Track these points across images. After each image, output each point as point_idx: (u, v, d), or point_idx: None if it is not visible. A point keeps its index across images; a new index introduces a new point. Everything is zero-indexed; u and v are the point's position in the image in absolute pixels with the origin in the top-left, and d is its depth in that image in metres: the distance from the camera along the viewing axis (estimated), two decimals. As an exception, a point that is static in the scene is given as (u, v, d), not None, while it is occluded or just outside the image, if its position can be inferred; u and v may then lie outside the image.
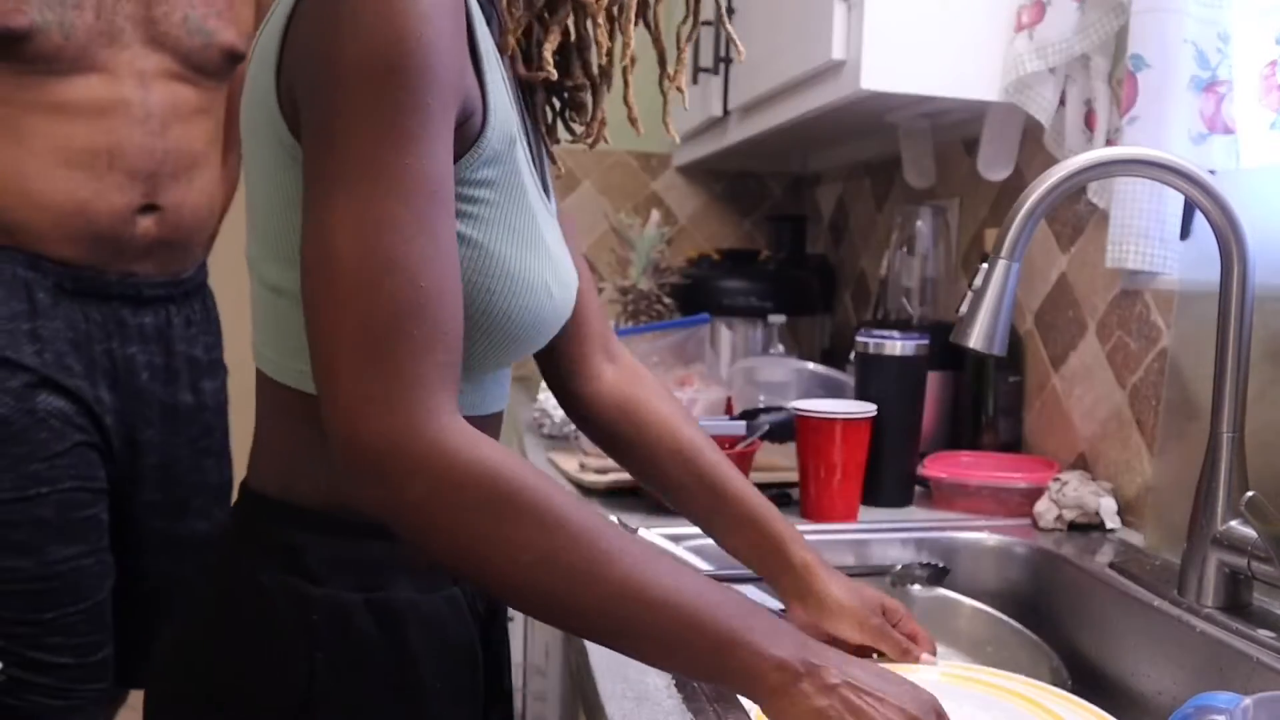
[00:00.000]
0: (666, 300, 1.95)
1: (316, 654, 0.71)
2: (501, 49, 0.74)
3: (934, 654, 0.88)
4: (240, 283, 0.83)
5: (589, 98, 0.86)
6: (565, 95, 0.86)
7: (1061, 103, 1.27)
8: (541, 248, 0.74)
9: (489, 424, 0.79)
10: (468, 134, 0.67)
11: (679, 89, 0.88)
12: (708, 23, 1.85)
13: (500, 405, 0.81)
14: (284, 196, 0.67)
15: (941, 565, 1.06)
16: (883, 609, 0.89)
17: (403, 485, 0.59)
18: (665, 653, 0.63)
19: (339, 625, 0.72)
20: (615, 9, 0.81)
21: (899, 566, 1.05)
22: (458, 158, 0.66)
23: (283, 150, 0.67)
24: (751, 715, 0.72)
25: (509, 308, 0.71)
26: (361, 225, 0.59)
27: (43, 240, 1.30)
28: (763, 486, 1.27)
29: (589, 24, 0.80)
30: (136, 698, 1.62)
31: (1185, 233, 1.12)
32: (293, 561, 0.72)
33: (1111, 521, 1.16)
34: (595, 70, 0.84)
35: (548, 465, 1.44)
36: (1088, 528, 1.17)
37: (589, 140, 0.88)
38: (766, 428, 1.28)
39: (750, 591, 0.99)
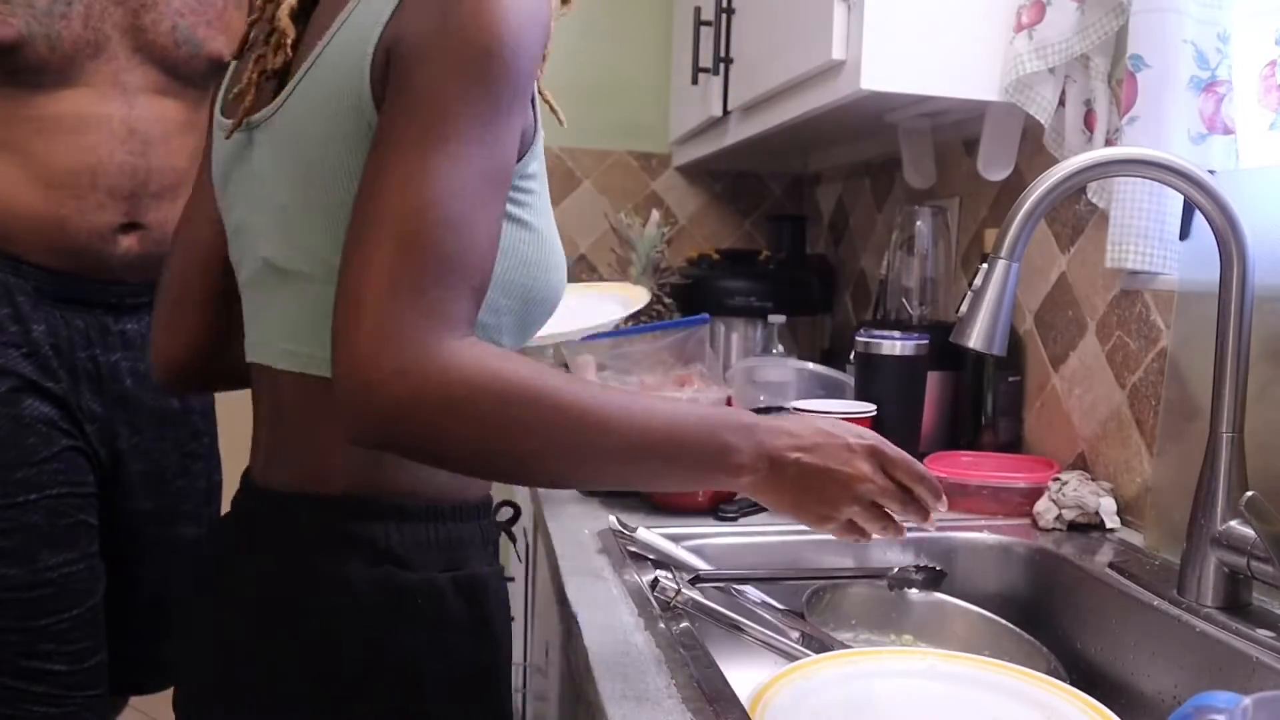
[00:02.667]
0: (666, 300, 1.95)
1: (419, 635, 0.75)
2: None
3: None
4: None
5: None
6: None
7: (1061, 103, 1.27)
8: (555, 228, 0.83)
9: None
10: (526, 136, 0.74)
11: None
12: (707, 23, 1.86)
13: None
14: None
15: (938, 568, 1.06)
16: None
17: (416, 403, 0.63)
18: (659, 483, 0.81)
19: (435, 606, 0.76)
20: None
21: (896, 570, 1.05)
22: (520, 155, 0.74)
23: (364, 133, 0.70)
24: (747, 710, 0.72)
25: (556, 283, 0.80)
26: (432, 184, 0.65)
27: (23, 248, 1.29)
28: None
29: None
30: (141, 703, 1.61)
31: (1185, 233, 1.12)
32: (378, 552, 0.75)
33: (1111, 521, 1.16)
34: None
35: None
36: (1087, 527, 1.17)
37: None
38: (766, 428, 1.28)
39: (752, 592, 1.00)
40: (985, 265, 0.88)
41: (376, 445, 0.66)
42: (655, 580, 0.93)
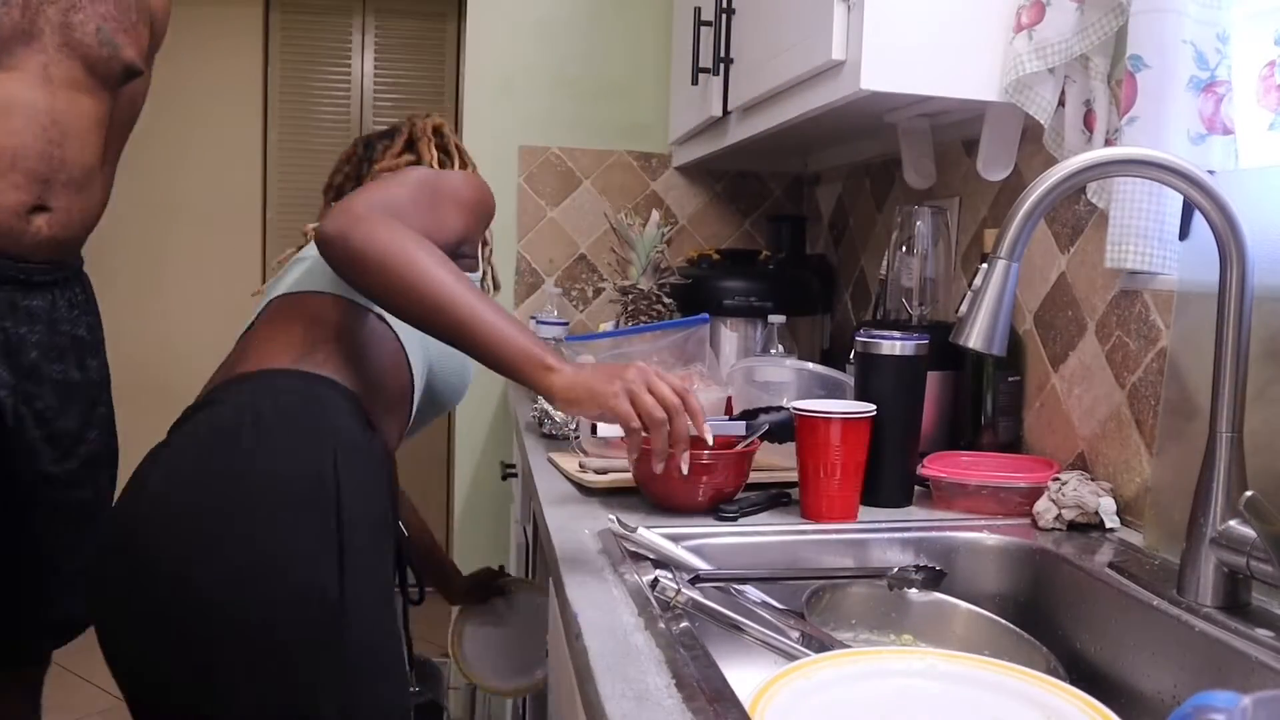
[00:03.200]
0: (666, 300, 1.95)
1: (341, 456, 1.07)
2: None
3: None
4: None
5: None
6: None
7: (1061, 103, 1.27)
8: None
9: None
10: (469, 267, 1.32)
11: None
12: (707, 23, 1.86)
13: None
14: None
15: (938, 568, 1.06)
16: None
17: (353, 229, 1.07)
18: (472, 336, 1.04)
19: (358, 440, 1.12)
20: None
21: (895, 570, 1.05)
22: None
23: None
24: (747, 710, 0.72)
25: (464, 382, 1.41)
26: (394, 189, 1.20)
27: None
28: (763, 486, 1.28)
29: None
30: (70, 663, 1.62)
31: (1184, 233, 1.12)
32: (321, 399, 1.12)
33: (1111, 521, 1.16)
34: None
35: (547, 465, 1.45)
36: (1087, 527, 1.17)
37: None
38: (766, 428, 1.28)
39: (752, 592, 1.00)
40: (985, 265, 0.88)
41: (323, 239, 1.08)
42: (655, 580, 0.93)
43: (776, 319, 1.81)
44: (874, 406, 1.20)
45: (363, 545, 1.05)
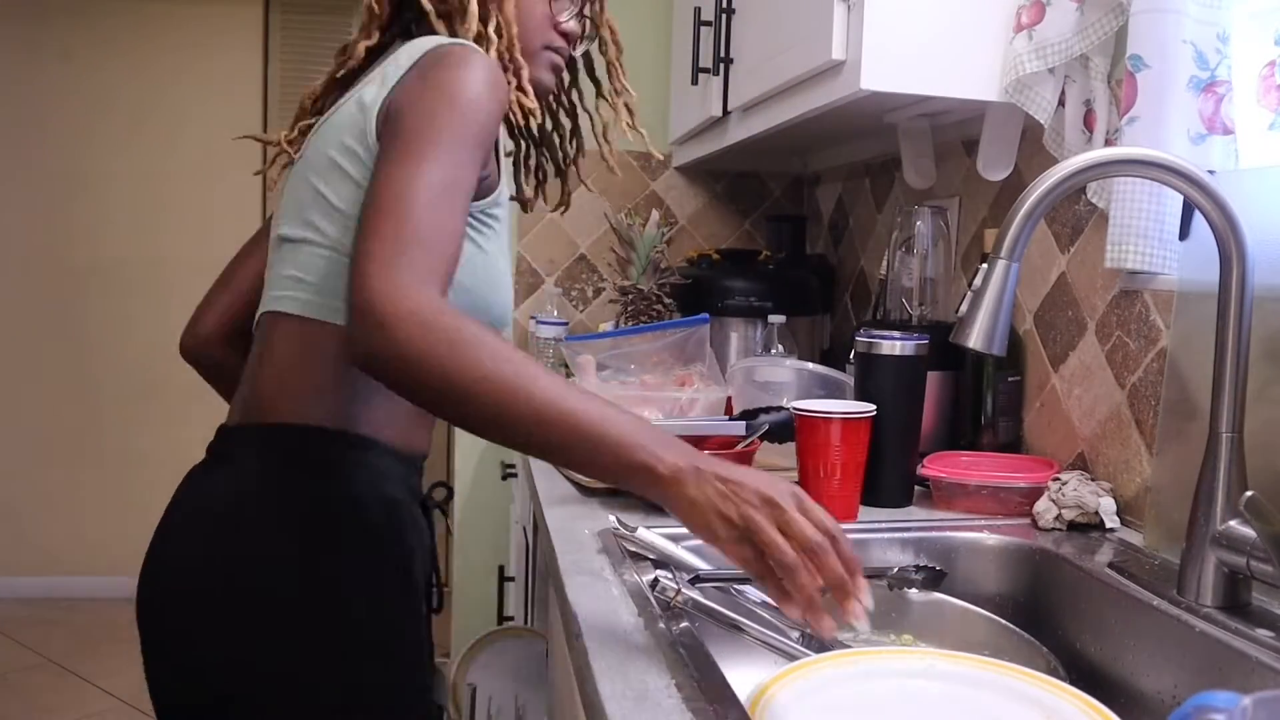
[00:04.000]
0: (666, 300, 1.95)
1: (343, 537, 0.98)
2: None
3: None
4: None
5: (540, 171, 1.37)
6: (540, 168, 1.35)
7: (1061, 103, 1.27)
8: (509, 268, 1.11)
9: None
10: (488, 185, 1.03)
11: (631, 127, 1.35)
12: (707, 23, 1.86)
13: None
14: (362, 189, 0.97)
15: (938, 568, 1.06)
16: None
17: (396, 326, 0.80)
18: (582, 460, 0.81)
19: (361, 516, 1.00)
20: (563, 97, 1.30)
21: (895, 570, 1.05)
22: (481, 197, 1.02)
23: (370, 161, 0.97)
24: (747, 710, 0.72)
25: (500, 302, 1.07)
26: (412, 183, 0.89)
27: None
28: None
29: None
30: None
31: (1184, 233, 1.12)
32: (321, 467, 0.99)
33: (1111, 521, 1.16)
34: (552, 150, 1.35)
35: (547, 465, 1.44)
36: (1087, 527, 1.17)
37: (558, 208, 1.41)
38: (766, 428, 1.28)
39: (752, 592, 1.00)
40: (985, 265, 0.88)
41: (365, 355, 0.82)
42: (655, 580, 0.93)
43: (776, 319, 1.81)
44: (874, 406, 1.20)
45: (375, 650, 0.98)
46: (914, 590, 1.04)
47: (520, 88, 1.12)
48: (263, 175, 1.12)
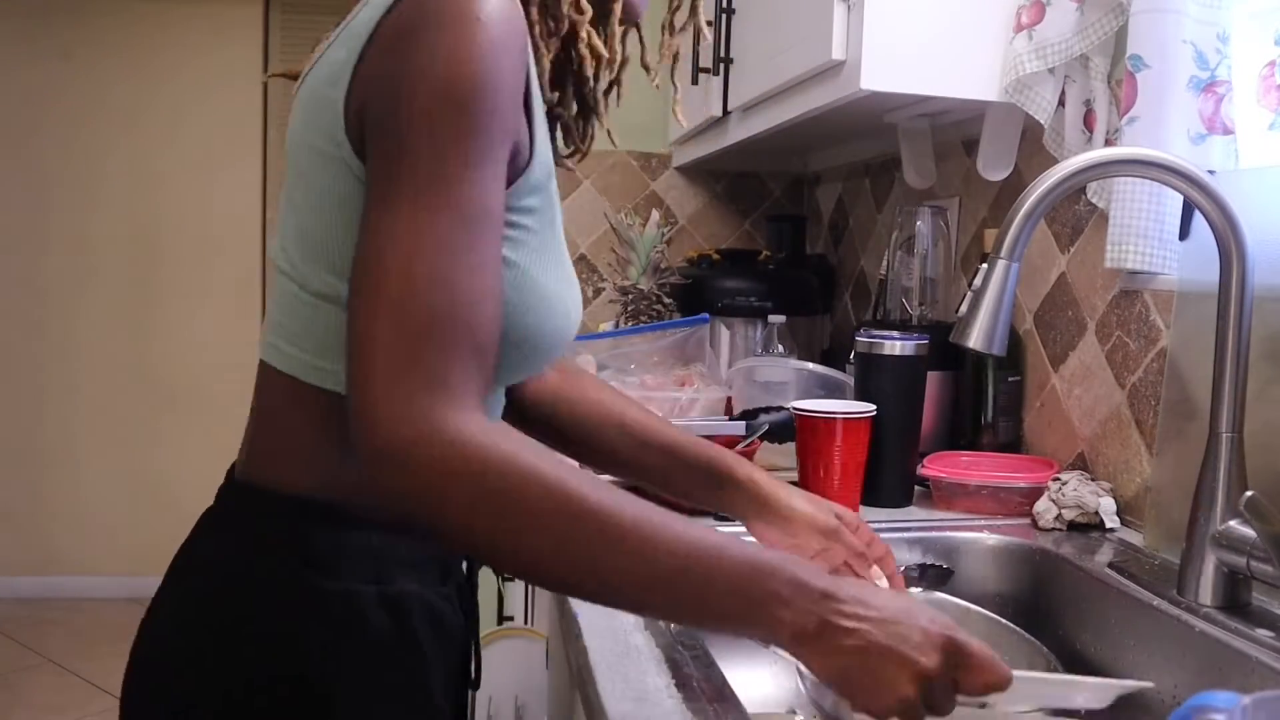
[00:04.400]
0: (666, 300, 1.95)
1: (336, 647, 0.73)
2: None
3: (891, 562, 0.94)
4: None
5: (577, 121, 0.91)
6: (559, 119, 0.90)
7: (1061, 103, 1.27)
8: (566, 271, 0.79)
9: None
10: (517, 165, 0.72)
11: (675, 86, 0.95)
12: (708, 22, 1.85)
13: (497, 416, 0.86)
14: (341, 210, 0.71)
15: (945, 566, 1.06)
16: (836, 514, 0.95)
17: (425, 475, 0.60)
18: (689, 616, 0.66)
19: (356, 619, 0.74)
20: (600, 25, 0.87)
21: (901, 569, 1.05)
22: (507, 186, 0.70)
23: (344, 167, 0.71)
24: (749, 713, 0.72)
25: (540, 327, 0.75)
26: (415, 241, 0.63)
27: None
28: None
29: (577, 43, 0.84)
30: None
31: (1184, 233, 1.12)
32: (305, 554, 0.74)
33: (1111, 521, 1.16)
34: (586, 93, 0.90)
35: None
36: (1087, 527, 1.17)
37: (577, 159, 0.94)
38: (766, 428, 1.28)
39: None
40: (985, 265, 0.88)
41: (387, 498, 0.63)
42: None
43: (776, 319, 1.81)
44: (874, 406, 1.20)
45: None
46: (918, 589, 1.04)
47: (592, 22, 0.84)
48: (263, 173, 0.95)
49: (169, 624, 0.78)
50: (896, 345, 1.25)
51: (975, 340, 0.88)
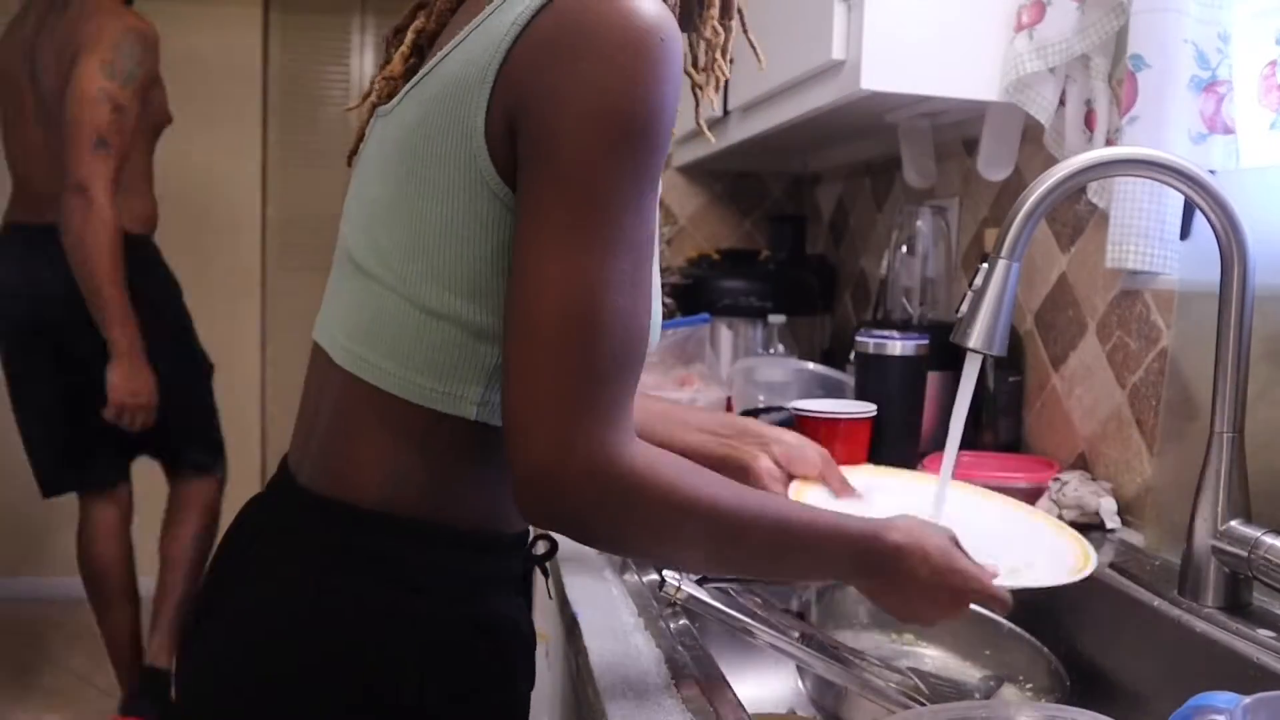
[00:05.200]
0: (666, 300, 1.95)
1: (434, 671, 0.73)
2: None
3: (832, 471, 1.03)
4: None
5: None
6: None
7: (1061, 103, 1.27)
8: (656, 273, 0.78)
9: None
10: None
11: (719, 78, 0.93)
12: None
13: None
14: (480, 234, 0.69)
15: None
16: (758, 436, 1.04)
17: (604, 503, 0.66)
18: (789, 578, 0.95)
19: (453, 643, 0.74)
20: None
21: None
22: None
23: (483, 186, 0.68)
24: (749, 713, 0.72)
25: (655, 332, 0.75)
26: (590, 281, 0.64)
27: None
28: (763, 486, 1.28)
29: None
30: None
31: (1185, 233, 1.12)
32: (397, 574, 0.73)
33: (1111, 521, 1.16)
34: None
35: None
36: (1088, 528, 1.17)
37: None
38: (766, 428, 1.28)
39: (750, 592, 1.00)
40: (985, 265, 0.88)
41: (556, 530, 0.69)
42: (662, 580, 0.93)
43: (776, 319, 1.81)
44: (874, 406, 1.20)
45: None
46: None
47: (725, 52, 0.86)
48: (261, 171, 0.94)
49: (258, 647, 0.74)
50: (896, 345, 1.25)
51: (975, 340, 0.87)
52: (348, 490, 0.75)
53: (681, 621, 0.86)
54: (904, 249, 1.54)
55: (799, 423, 1.19)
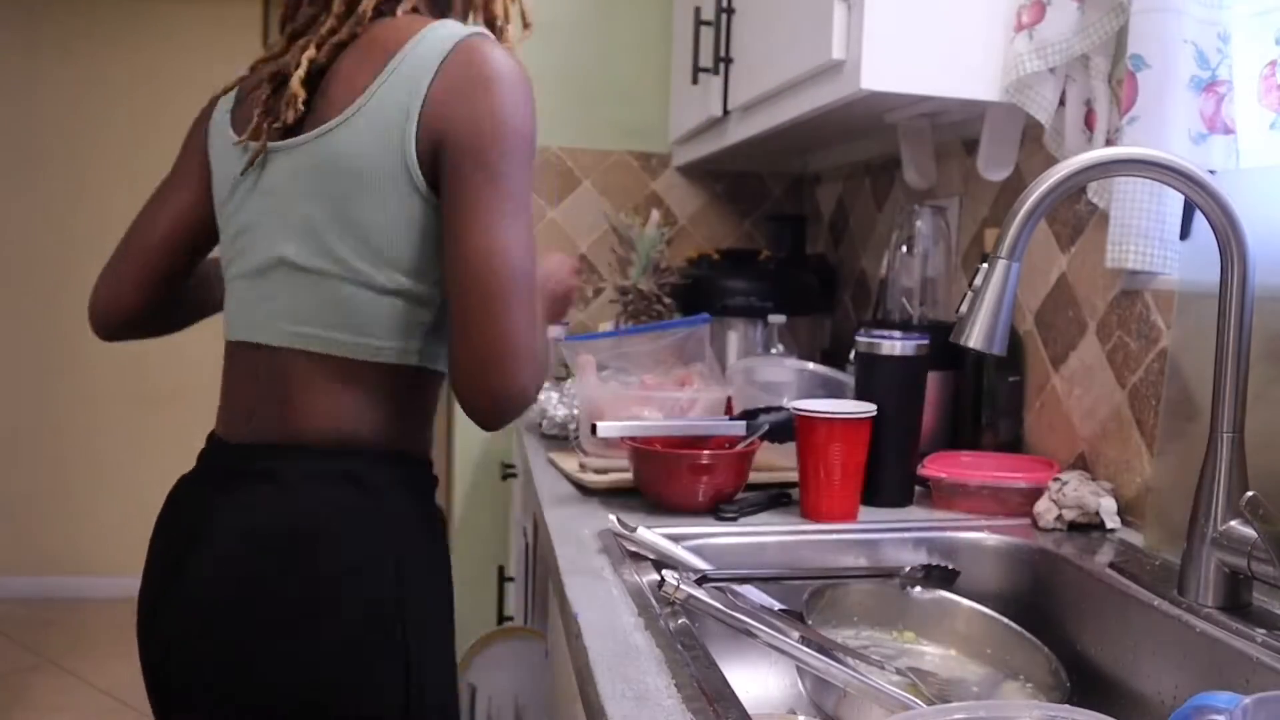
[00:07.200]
0: (666, 300, 1.95)
1: (400, 553, 1.00)
2: None
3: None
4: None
5: None
6: None
7: (1061, 103, 1.27)
8: None
9: None
10: None
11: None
12: (707, 23, 1.86)
13: None
14: (408, 223, 0.97)
15: (950, 567, 1.06)
16: None
17: (527, 402, 0.96)
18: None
19: (410, 531, 1.03)
20: None
21: (907, 569, 1.05)
22: None
23: (413, 189, 0.96)
24: (749, 713, 0.72)
25: None
26: (523, 242, 0.94)
27: None
28: (763, 486, 1.28)
29: None
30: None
31: (1185, 233, 1.12)
32: (367, 485, 1.00)
33: (1111, 521, 1.16)
34: None
35: (547, 465, 1.44)
36: (1088, 528, 1.17)
37: None
38: (766, 428, 1.28)
39: (749, 592, 1.00)
40: (985, 265, 0.88)
41: (500, 424, 0.95)
42: (661, 580, 0.93)
43: (776, 319, 1.81)
44: (874, 406, 1.20)
45: (431, 654, 1.03)
46: (919, 588, 1.04)
47: None
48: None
49: (261, 558, 0.96)
50: (896, 345, 1.25)
51: (975, 340, 0.87)
52: (304, 436, 0.99)
53: (681, 621, 0.86)
54: (904, 249, 1.54)
55: (799, 423, 1.19)
